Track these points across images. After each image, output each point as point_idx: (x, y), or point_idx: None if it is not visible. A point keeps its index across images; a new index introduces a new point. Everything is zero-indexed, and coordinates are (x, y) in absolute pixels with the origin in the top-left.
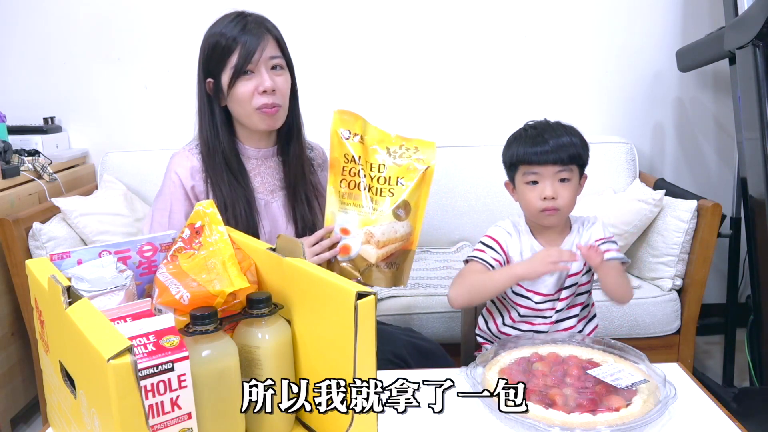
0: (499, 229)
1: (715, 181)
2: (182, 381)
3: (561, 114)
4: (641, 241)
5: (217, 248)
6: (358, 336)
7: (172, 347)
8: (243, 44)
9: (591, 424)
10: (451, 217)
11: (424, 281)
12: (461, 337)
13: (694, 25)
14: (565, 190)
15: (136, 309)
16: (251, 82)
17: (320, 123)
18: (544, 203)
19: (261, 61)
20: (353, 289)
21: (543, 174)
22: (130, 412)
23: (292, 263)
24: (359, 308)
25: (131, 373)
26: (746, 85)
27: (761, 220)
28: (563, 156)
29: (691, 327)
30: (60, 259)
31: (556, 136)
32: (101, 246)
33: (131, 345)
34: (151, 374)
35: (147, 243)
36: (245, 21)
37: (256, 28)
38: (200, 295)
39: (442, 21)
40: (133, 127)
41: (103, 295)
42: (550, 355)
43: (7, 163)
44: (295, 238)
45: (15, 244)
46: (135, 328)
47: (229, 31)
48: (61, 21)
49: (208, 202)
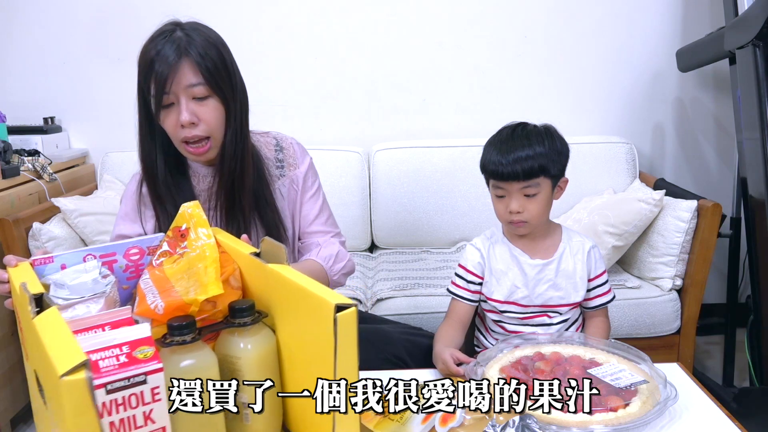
0: (472, 250)
1: (715, 181)
2: (156, 394)
3: (561, 114)
4: (641, 241)
5: (202, 252)
6: (337, 349)
7: (146, 359)
8: (156, 73)
9: (587, 423)
10: (451, 217)
11: (424, 281)
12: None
13: (694, 25)
14: (531, 204)
15: (116, 317)
16: (173, 114)
17: (321, 122)
18: (511, 216)
19: (180, 90)
20: (333, 301)
21: (508, 189)
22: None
23: (275, 270)
24: (339, 321)
25: (86, 390)
26: (746, 85)
27: (761, 220)
28: (525, 172)
29: (691, 327)
30: (43, 264)
31: (521, 148)
32: (86, 250)
33: (87, 360)
34: (122, 387)
35: (134, 246)
36: (164, 41)
37: (170, 53)
38: (174, 304)
39: (443, 21)
40: (133, 127)
41: (82, 302)
42: (553, 354)
43: (7, 163)
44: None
45: (15, 244)
46: (109, 338)
47: (148, 51)
48: (61, 21)
49: (194, 204)
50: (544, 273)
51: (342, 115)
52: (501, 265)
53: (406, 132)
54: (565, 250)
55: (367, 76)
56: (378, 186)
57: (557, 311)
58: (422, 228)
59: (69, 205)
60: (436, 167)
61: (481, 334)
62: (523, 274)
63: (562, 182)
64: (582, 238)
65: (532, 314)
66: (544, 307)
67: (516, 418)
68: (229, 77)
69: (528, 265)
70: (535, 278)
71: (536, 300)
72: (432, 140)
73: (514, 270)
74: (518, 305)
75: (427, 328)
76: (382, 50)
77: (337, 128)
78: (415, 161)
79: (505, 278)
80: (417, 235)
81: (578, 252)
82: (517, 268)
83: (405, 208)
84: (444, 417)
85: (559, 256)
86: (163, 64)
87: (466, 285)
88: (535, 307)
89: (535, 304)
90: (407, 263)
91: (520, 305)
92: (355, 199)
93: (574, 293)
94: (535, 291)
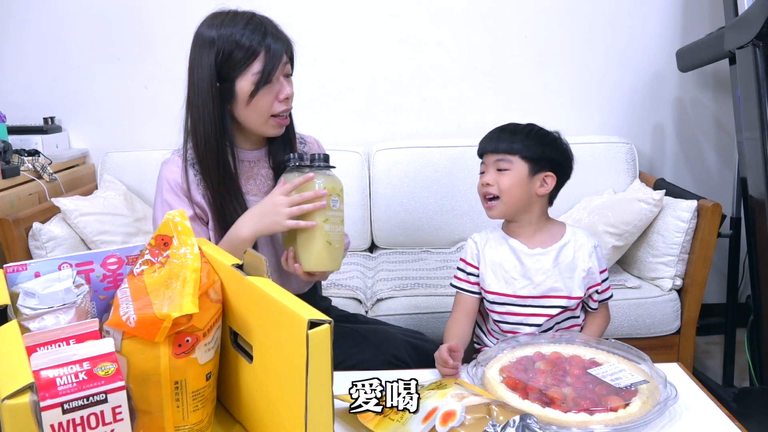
0: (470, 243)
1: (715, 181)
2: (117, 414)
3: (561, 114)
4: (641, 241)
5: (184, 262)
6: (309, 366)
7: (107, 376)
8: (267, 51)
9: (587, 423)
10: (451, 217)
11: (424, 281)
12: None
13: (694, 25)
14: (502, 178)
15: (81, 330)
16: (272, 89)
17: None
18: (483, 189)
19: (280, 67)
20: (306, 316)
21: (487, 163)
22: None
23: (253, 283)
24: (311, 338)
25: (29, 415)
26: (746, 85)
27: (761, 220)
28: (501, 145)
29: (691, 327)
30: (16, 272)
31: (507, 130)
32: (62, 258)
33: (33, 383)
34: (80, 407)
35: (111, 255)
36: (264, 26)
37: (276, 34)
38: (147, 318)
39: (443, 20)
40: (133, 127)
41: (51, 313)
42: (553, 354)
43: (7, 163)
44: (260, 254)
45: (15, 244)
46: (70, 353)
47: (249, 35)
48: (61, 21)
49: (180, 212)
50: (542, 262)
51: (342, 115)
52: (497, 257)
53: (406, 132)
54: (567, 243)
55: (367, 76)
56: (378, 186)
57: (558, 304)
58: (422, 228)
59: (69, 205)
60: (436, 167)
61: (483, 333)
62: (521, 264)
63: (545, 175)
64: (587, 236)
65: (532, 306)
66: (544, 298)
67: (516, 418)
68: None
69: (526, 254)
70: (533, 267)
71: (535, 291)
72: (432, 140)
73: (511, 261)
74: (516, 296)
75: (427, 328)
76: (382, 50)
77: (337, 128)
78: (415, 161)
79: (501, 270)
80: (417, 235)
81: (582, 247)
82: (515, 259)
83: (405, 208)
84: (444, 416)
85: (560, 247)
86: (274, 43)
87: (467, 277)
88: (535, 298)
89: (534, 295)
90: (407, 263)
91: (519, 296)
92: (355, 199)
93: (574, 286)
94: (533, 280)
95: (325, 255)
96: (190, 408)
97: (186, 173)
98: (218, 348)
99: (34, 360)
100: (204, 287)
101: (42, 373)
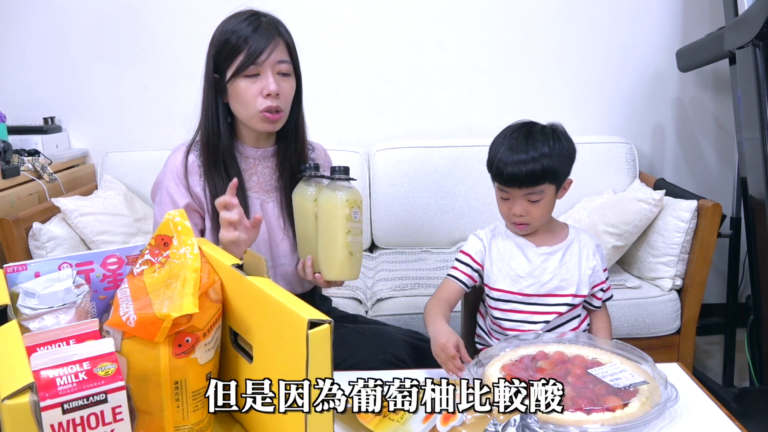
0: (474, 239)
1: (715, 181)
2: (117, 414)
3: (561, 114)
4: (641, 241)
5: (184, 262)
6: (309, 367)
7: (107, 376)
8: (251, 44)
9: (584, 422)
10: (451, 217)
11: (424, 281)
12: (462, 337)
13: (694, 25)
14: (535, 209)
15: (81, 330)
16: (256, 84)
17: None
18: (514, 218)
19: (267, 63)
20: (306, 316)
21: (512, 193)
22: None
23: (253, 283)
24: (311, 338)
25: (29, 415)
26: (746, 85)
27: (761, 220)
28: (529, 179)
29: (691, 327)
30: (16, 272)
31: (526, 154)
32: (62, 258)
33: (33, 383)
34: (80, 407)
35: (111, 255)
36: (258, 21)
37: (268, 30)
38: (147, 318)
39: (443, 20)
40: (133, 127)
41: (51, 313)
42: (556, 353)
43: (7, 163)
44: (261, 255)
45: (15, 244)
46: (70, 353)
47: (241, 29)
48: (61, 21)
49: (180, 212)
50: (551, 261)
51: (342, 115)
52: (504, 254)
53: (406, 132)
54: (573, 243)
55: (367, 76)
56: (378, 186)
57: (563, 302)
58: (422, 228)
59: (69, 205)
60: (436, 167)
61: (484, 332)
62: (529, 262)
63: (566, 183)
64: (589, 236)
65: (536, 305)
66: (549, 296)
67: (516, 417)
68: (299, 63)
69: (533, 253)
70: (541, 266)
71: (542, 289)
72: (432, 140)
73: (518, 258)
74: (521, 294)
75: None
76: (381, 50)
77: (337, 128)
78: (415, 161)
79: (508, 267)
80: (417, 235)
81: (587, 246)
82: (522, 256)
83: (405, 208)
84: (445, 416)
85: (566, 245)
86: (260, 37)
87: (463, 267)
88: (539, 296)
89: (541, 293)
90: (407, 263)
91: (524, 294)
92: None
93: (581, 284)
94: (541, 279)
95: (347, 265)
96: (190, 408)
97: (186, 159)
98: (218, 348)
99: (34, 360)
100: (204, 287)
101: (42, 373)
